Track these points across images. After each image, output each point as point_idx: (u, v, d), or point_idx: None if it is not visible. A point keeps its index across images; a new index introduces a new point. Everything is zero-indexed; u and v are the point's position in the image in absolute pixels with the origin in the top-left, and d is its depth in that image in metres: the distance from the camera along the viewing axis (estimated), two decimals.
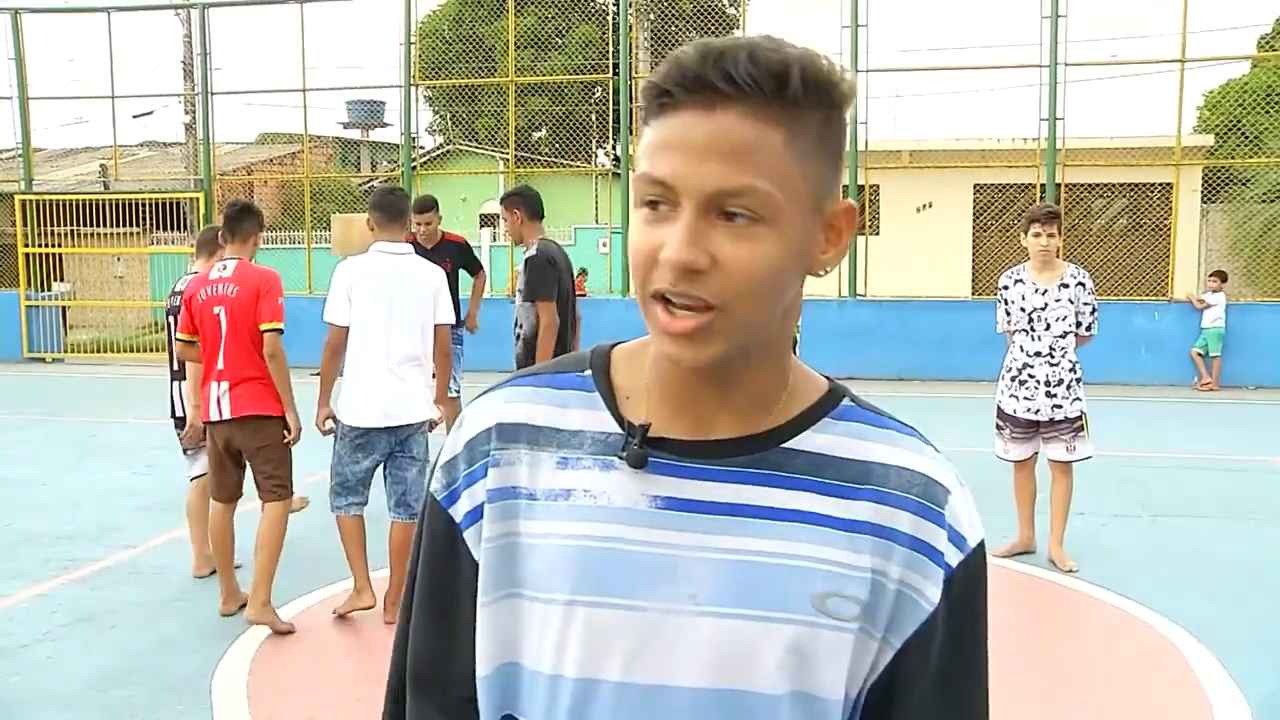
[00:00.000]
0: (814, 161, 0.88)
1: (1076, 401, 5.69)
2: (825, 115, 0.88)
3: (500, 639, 0.96)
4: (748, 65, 0.84)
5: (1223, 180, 17.54)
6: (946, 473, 0.97)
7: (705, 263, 0.85)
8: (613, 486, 0.94)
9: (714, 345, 0.88)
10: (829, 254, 0.92)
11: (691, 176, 0.85)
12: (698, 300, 0.86)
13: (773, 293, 0.88)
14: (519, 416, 0.99)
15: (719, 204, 0.85)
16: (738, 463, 0.94)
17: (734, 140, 0.84)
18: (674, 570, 0.92)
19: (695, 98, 0.85)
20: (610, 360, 1.00)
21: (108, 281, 19.72)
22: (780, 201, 0.86)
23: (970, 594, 0.97)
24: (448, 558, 1.00)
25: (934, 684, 0.95)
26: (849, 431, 0.96)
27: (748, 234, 0.86)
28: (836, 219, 0.92)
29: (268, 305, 5.00)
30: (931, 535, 0.94)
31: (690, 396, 0.95)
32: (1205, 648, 4.60)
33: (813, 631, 0.91)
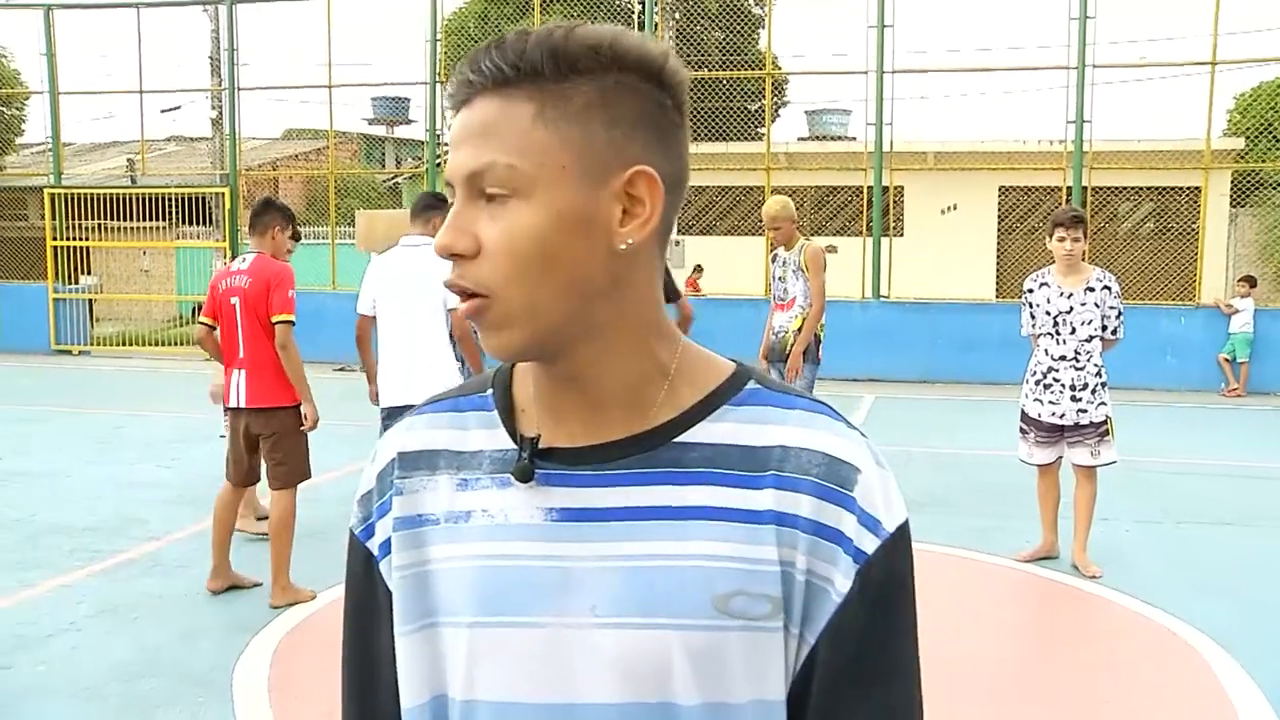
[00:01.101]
0: (582, 130, 0.85)
1: (1102, 406, 5.65)
2: (601, 84, 0.86)
3: (424, 670, 0.94)
4: (494, 54, 0.86)
5: (1253, 184, 17.38)
6: (857, 450, 0.89)
7: (465, 246, 0.86)
8: (509, 503, 0.91)
9: (503, 333, 0.87)
10: (630, 226, 0.87)
11: (453, 165, 0.88)
12: (467, 289, 0.87)
13: (544, 269, 0.85)
14: (420, 444, 0.97)
15: (477, 186, 0.86)
16: (629, 464, 0.89)
17: (480, 123, 0.86)
18: (572, 583, 0.88)
19: (462, 96, 0.89)
20: (512, 376, 0.98)
21: (134, 275, 19.89)
22: (527, 171, 0.84)
23: (890, 583, 0.88)
24: (366, 591, 1.00)
25: (850, 682, 0.88)
26: (751, 417, 0.90)
27: (502, 211, 0.85)
28: (634, 188, 0.86)
29: (278, 298, 5.16)
30: (836, 519, 0.87)
31: (562, 401, 0.91)
32: (1229, 655, 4.55)
33: (720, 635, 0.86)
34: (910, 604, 0.90)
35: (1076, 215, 5.71)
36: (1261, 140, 18.01)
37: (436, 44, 15.47)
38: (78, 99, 18.34)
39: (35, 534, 6.36)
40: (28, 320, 16.64)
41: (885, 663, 0.89)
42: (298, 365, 5.16)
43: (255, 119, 45.41)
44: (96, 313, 17.95)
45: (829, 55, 26.28)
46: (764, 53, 16.05)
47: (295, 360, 5.16)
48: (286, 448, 5.20)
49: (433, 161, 15.81)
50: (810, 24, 37.50)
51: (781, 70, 18.35)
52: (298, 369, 5.16)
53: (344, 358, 14.79)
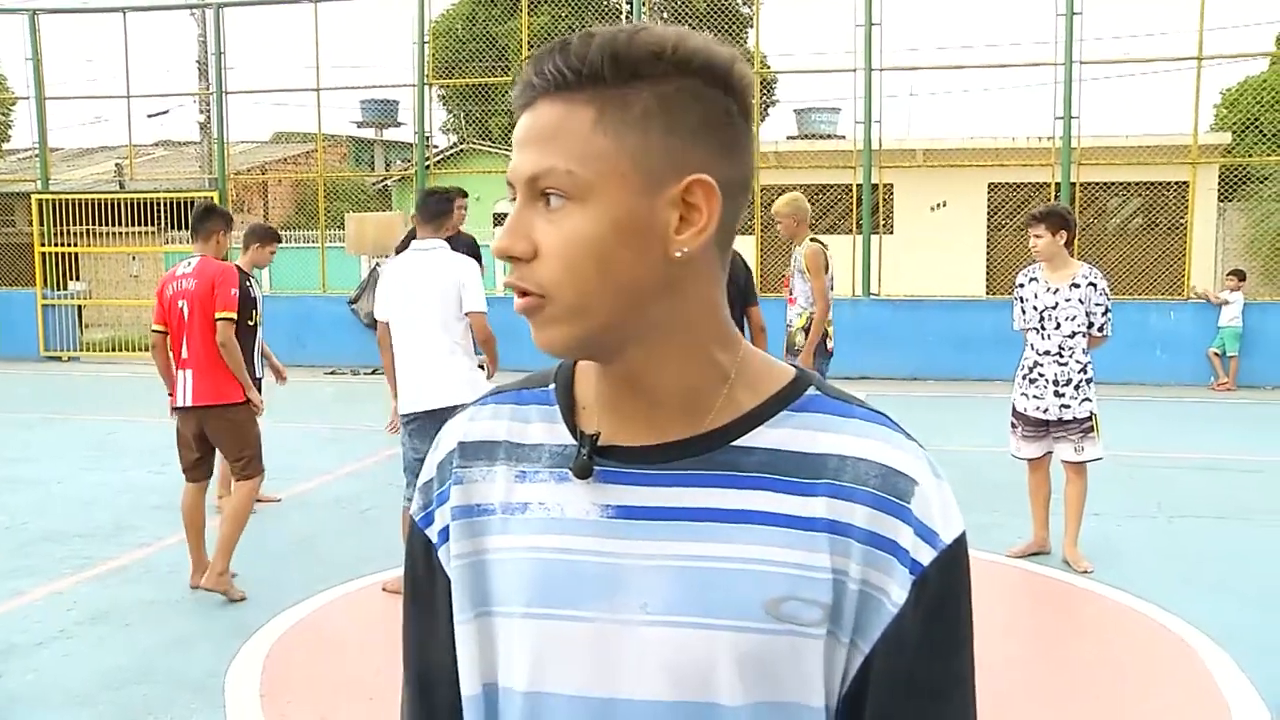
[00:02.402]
0: (640, 136, 0.86)
1: (1086, 402, 5.66)
2: (662, 90, 0.86)
3: (480, 658, 0.96)
4: (557, 59, 0.87)
5: (1240, 178, 17.44)
6: (914, 462, 0.90)
7: (523, 249, 0.87)
8: (566, 498, 0.93)
9: (553, 330, 0.88)
10: (686, 234, 0.87)
11: (515, 167, 0.89)
12: (521, 289, 0.89)
13: (600, 273, 0.86)
14: (481, 434, 0.99)
15: (537, 189, 0.88)
16: (686, 465, 0.91)
17: (541, 127, 0.88)
18: (624, 579, 0.89)
19: (525, 99, 0.90)
20: (575, 373, 0.99)
21: (123, 280, 19.82)
22: (584, 179, 0.86)
23: (947, 595, 0.89)
24: (428, 578, 1.01)
25: (907, 693, 0.89)
26: (808, 424, 0.91)
27: (560, 216, 0.87)
28: (691, 195, 0.87)
29: (221, 296, 5.41)
30: (892, 530, 0.88)
31: (620, 401, 0.93)
32: (1222, 650, 4.56)
33: (769, 639, 0.87)
34: (967, 616, 0.92)
35: (1040, 212, 5.74)
36: (1248, 135, 18.07)
37: (425, 46, 15.44)
38: (64, 104, 18.26)
39: (26, 541, 6.33)
40: (16, 327, 16.58)
41: (942, 675, 0.90)
42: (238, 359, 5.42)
43: (243, 123, 45.40)
44: (86, 318, 17.89)
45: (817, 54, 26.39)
46: (752, 52, 16.06)
47: (235, 355, 5.41)
48: (242, 441, 5.46)
49: (421, 164, 15.79)
50: (798, 23, 37.57)
51: (770, 69, 18.36)
52: (238, 363, 5.42)
53: (334, 361, 14.77)
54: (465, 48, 25.14)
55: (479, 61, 24.28)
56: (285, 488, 7.44)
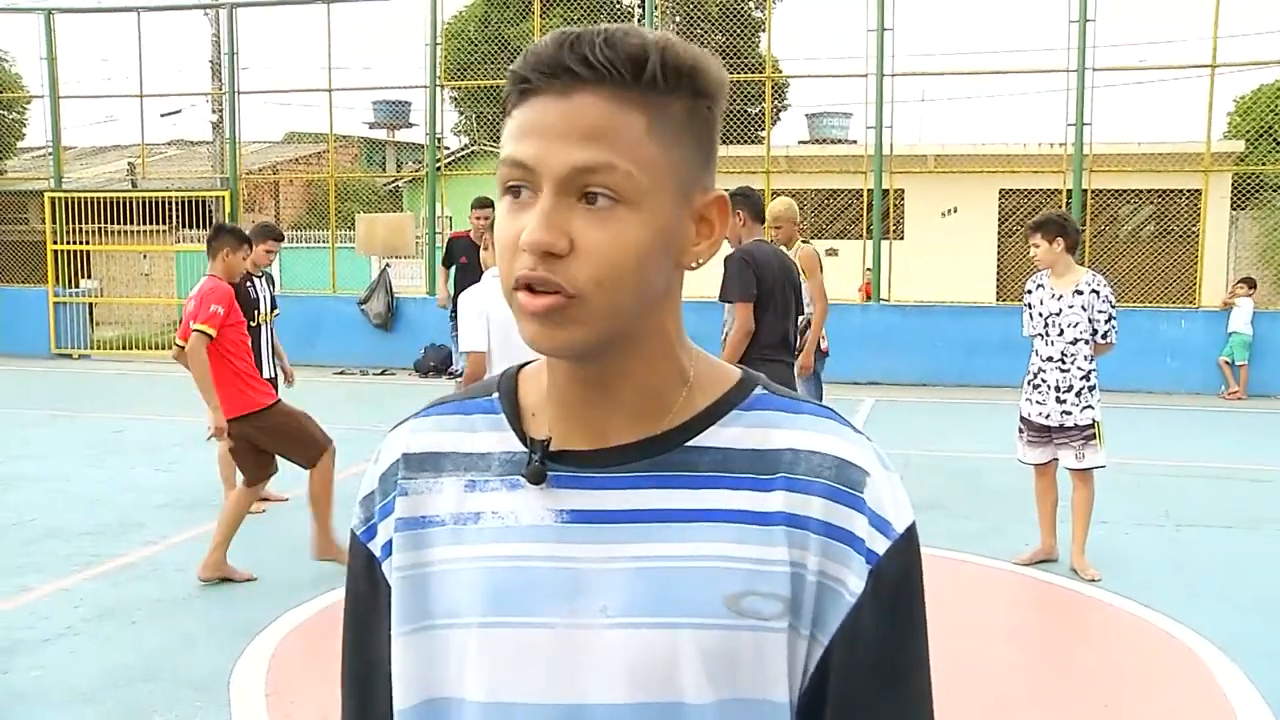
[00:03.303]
0: (679, 149, 0.87)
1: (1088, 410, 5.66)
2: (690, 104, 0.87)
3: (418, 673, 0.94)
4: (604, 49, 0.84)
5: (1253, 187, 17.37)
6: (865, 454, 0.91)
7: (563, 245, 0.84)
8: (519, 505, 0.92)
9: (572, 331, 0.86)
10: (700, 245, 0.90)
11: (549, 155, 0.84)
12: (554, 285, 0.84)
13: (635, 279, 0.86)
14: (425, 445, 0.98)
15: (578, 184, 0.84)
16: (640, 467, 0.91)
17: (592, 120, 0.84)
18: (583, 584, 0.89)
19: (553, 83, 0.84)
20: (518, 381, 0.99)
21: (134, 279, 19.90)
22: (642, 183, 0.84)
23: (902, 583, 0.90)
24: (370, 592, 1.00)
25: (868, 680, 0.89)
26: (759, 421, 0.92)
27: (608, 216, 0.84)
28: (708, 210, 0.90)
29: (201, 309, 5.49)
30: (848, 520, 0.88)
31: (582, 404, 0.92)
32: (1229, 659, 4.54)
33: (731, 634, 0.87)
34: (921, 604, 0.92)
35: (1035, 221, 5.80)
36: (1262, 143, 18.01)
37: (437, 48, 15.47)
38: (78, 103, 18.33)
39: (33, 538, 6.35)
40: (28, 324, 16.64)
41: (901, 662, 0.90)
42: (203, 373, 5.42)
43: (256, 123, 45.43)
44: (97, 316, 17.94)
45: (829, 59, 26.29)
46: (764, 56, 16.05)
47: (200, 367, 5.42)
48: (292, 437, 5.58)
49: (433, 165, 15.81)
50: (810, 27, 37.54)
51: (782, 73, 18.36)
52: (204, 378, 5.42)
53: (344, 361, 14.80)
54: (477, 49, 25.16)
55: (491, 63, 24.30)
56: (293, 487, 7.44)
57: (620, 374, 0.91)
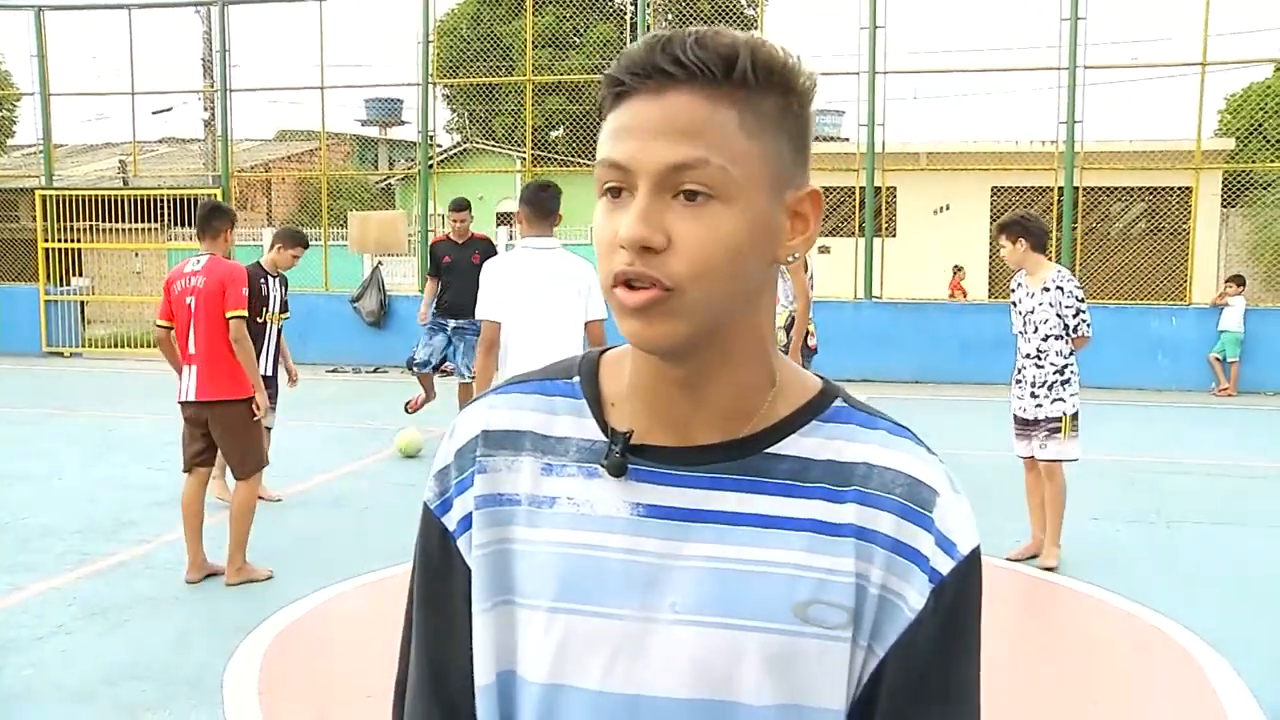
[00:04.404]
0: (772, 143, 0.88)
1: (1058, 403, 5.77)
2: (783, 100, 0.89)
3: (497, 647, 0.96)
4: (695, 49, 0.86)
5: (1243, 184, 17.43)
6: (937, 475, 0.93)
7: (660, 241, 0.85)
8: (596, 494, 0.93)
9: (671, 325, 0.87)
10: (796, 240, 0.92)
11: (644, 154, 0.86)
12: (652, 280, 0.86)
13: (732, 273, 0.87)
14: (505, 423, 0.99)
15: (674, 181, 0.86)
16: (721, 469, 0.92)
17: (685, 118, 0.85)
18: (654, 578, 0.91)
19: (646, 84, 0.86)
20: (599, 367, 1.00)
21: (126, 277, 19.83)
22: (736, 177, 0.86)
23: (961, 605, 0.92)
24: (443, 567, 1.00)
25: (919, 697, 0.91)
26: (837, 434, 0.94)
27: (704, 211, 0.86)
28: (802, 205, 0.92)
29: (232, 295, 5.50)
30: (915, 538, 0.90)
31: (667, 402, 0.93)
32: (1220, 656, 4.56)
33: (796, 641, 0.88)
34: (977, 627, 0.94)
35: (1000, 223, 5.97)
36: (1252, 141, 18.06)
37: (429, 45, 15.45)
38: (69, 100, 18.23)
39: (26, 536, 6.34)
40: (19, 322, 16.59)
41: (952, 683, 0.92)
42: (250, 358, 5.53)
43: (248, 120, 45.39)
44: (88, 314, 17.89)
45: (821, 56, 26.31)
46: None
47: (248, 352, 5.52)
48: (243, 440, 5.53)
49: (425, 163, 15.79)
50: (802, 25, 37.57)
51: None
52: (250, 361, 5.52)
53: (336, 359, 14.78)
54: (469, 47, 25.16)
55: (483, 61, 24.30)
56: (285, 486, 7.44)
57: (710, 374, 0.92)
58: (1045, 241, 5.90)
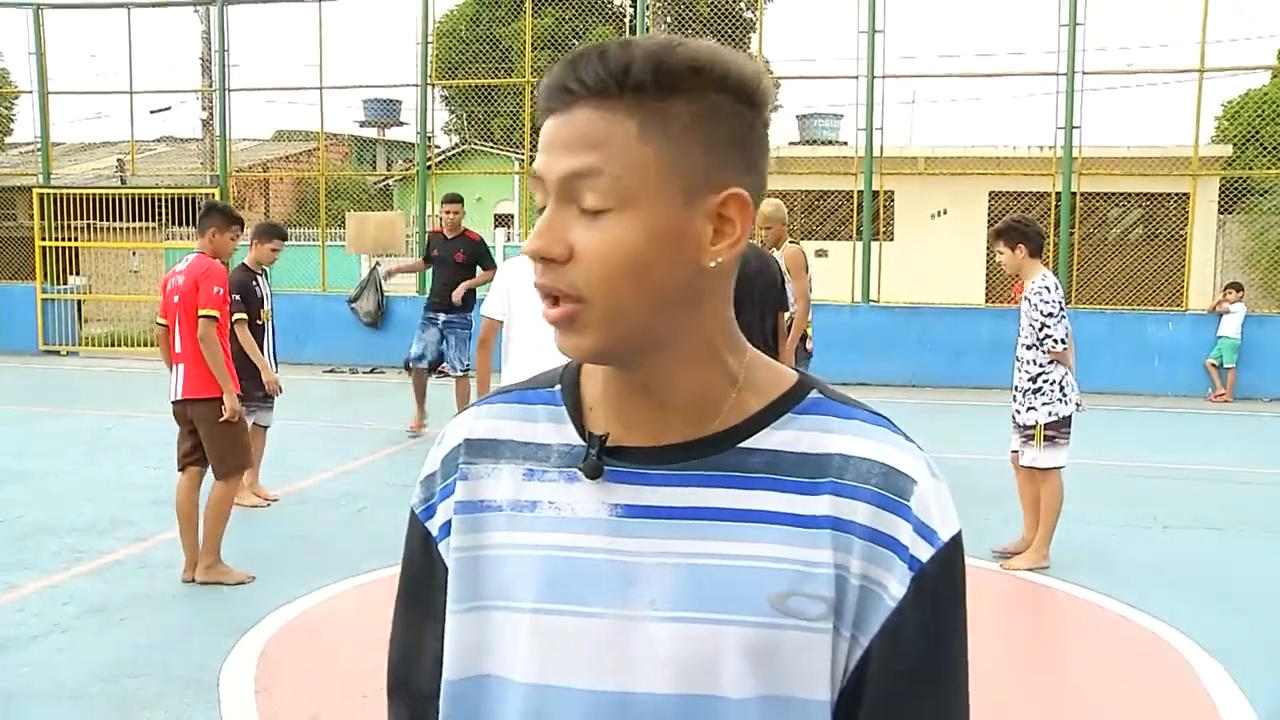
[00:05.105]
0: (681, 150, 0.88)
1: (1030, 411, 5.82)
2: (699, 105, 0.88)
3: (469, 649, 0.97)
4: (596, 65, 0.88)
5: (1240, 191, 17.45)
6: (914, 462, 0.93)
7: (559, 251, 0.88)
8: (576, 497, 0.95)
9: (584, 336, 0.89)
10: (720, 245, 0.90)
11: (548, 167, 0.89)
12: (559, 291, 0.89)
13: (638, 280, 0.88)
14: (487, 432, 1.01)
15: (572, 191, 0.88)
16: (694, 466, 0.93)
17: (583, 131, 0.88)
18: (633, 577, 0.92)
19: (559, 102, 0.90)
20: (580, 375, 1.01)
21: (123, 276, 19.81)
22: (630, 186, 0.87)
23: (944, 591, 0.92)
24: (425, 569, 1.03)
25: (905, 684, 0.91)
26: (812, 425, 0.94)
27: (600, 222, 0.88)
28: (725, 208, 0.90)
29: (204, 293, 5.48)
30: (892, 527, 0.90)
31: (631, 404, 0.95)
32: (1215, 661, 4.57)
33: (776, 633, 0.89)
34: (962, 613, 0.94)
35: (996, 229, 6.00)
36: (1249, 147, 18.08)
37: (428, 46, 15.45)
38: (67, 99, 18.27)
39: (22, 535, 6.34)
40: (16, 321, 16.57)
41: (939, 669, 0.93)
42: (217, 358, 5.46)
43: (246, 120, 45.38)
44: (85, 313, 17.87)
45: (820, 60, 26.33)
46: (755, 56, 16.07)
47: (215, 352, 5.45)
48: (223, 440, 5.49)
49: (423, 164, 15.79)
50: (801, 28, 37.64)
51: (772, 74, 18.38)
52: (218, 362, 5.46)
53: (333, 359, 14.77)
54: (468, 48, 25.15)
55: (482, 62, 24.29)
56: (282, 485, 7.44)
57: (662, 378, 0.93)
58: (1042, 246, 5.90)
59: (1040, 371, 5.77)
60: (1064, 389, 5.77)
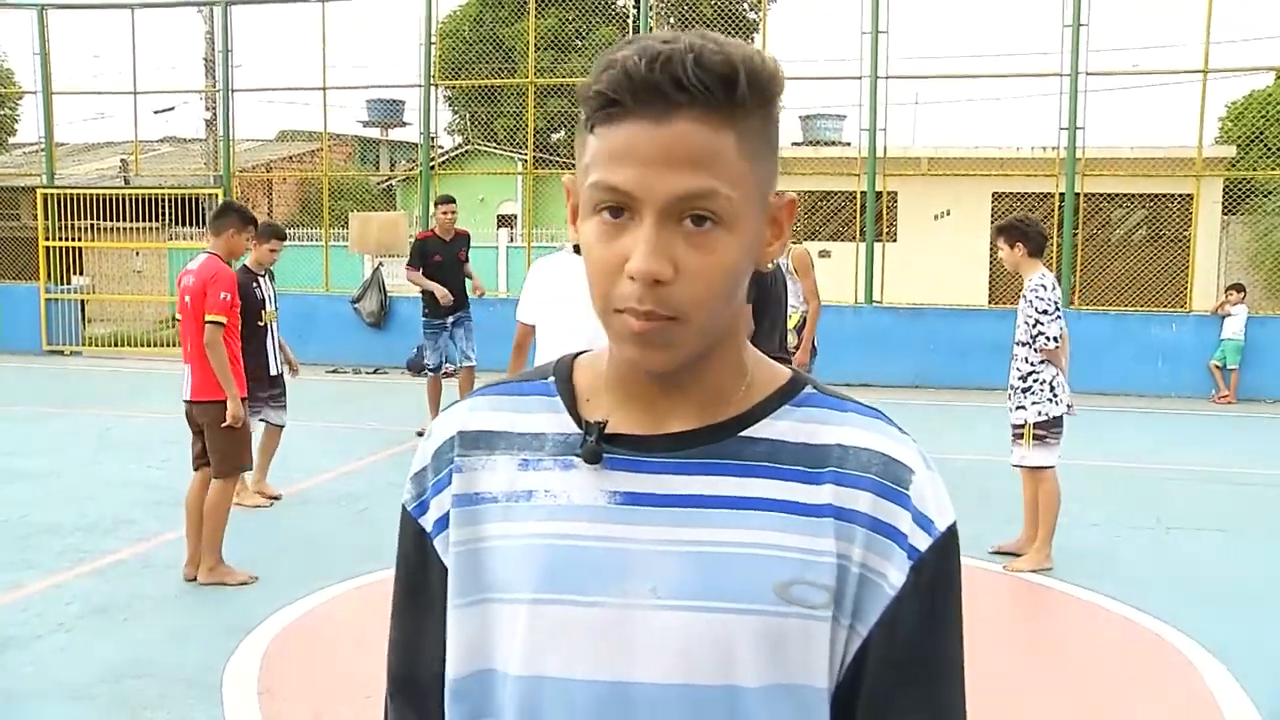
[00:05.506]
0: (760, 160, 0.89)
1: (1019, 410, 5.86)
2: (766, 112, 0.89)
3: (472, 644, 0.97)
4: (696, 70, 0.84)
5: (1244, 192, 17.44)
6: (910, 453, 0.94)
7: (669, 274, 0.85)
8: (573, 485, 0.95)
9: (675, 351, 0.89)
10: (773, 246, 0.94)
11: (653, 184, 0.84)
12: (659, 315, 0.86)
13: (730, 295, 0.90)
14: (480, 424, 1.00)
15: (681, 210, 0.85)
16: (695, 454, 0.93)
17: (692, 146, 0.84)
18: (634, 565, 0.91)
19: (647, 105, 0.84)
20: (573, 367, 1.02)
21: (126, 276, 19.83)
22: (738, 204, 0.87)
23: (941, 581, 0.93)
24: (420, 567, 1.02)
25: (903, 672, 0.92)
26: (809, 417, 0.95)
27: (709, 240, 0.86)
28: (779, 213, 0.93)
29: (211, 298, 5.49)
30: (893, 516, 0.91)
31: (648, 394, 0.95)
32: (1218, 661, 4.57)
33: (779, 621, 0.89)
34: (958, 603, 0.95)
35: (999, 226, 6.04)
36: (1253, 148, 18.06)
37: (431, 47, 15.46)
38: (71, 99, 18.30)
39: (26, 534, 6.34)
40: (19, 320, 16.58)
41: (936, 657, 0.93)
42: (223, 363, 5.47)
43: (249, 120, 45.43)
44: (88, 313, 17.88)
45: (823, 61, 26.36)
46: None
47: (220, 358, 5.46)
48: (224, 441, 5.49)
49: (426, 164, 15.80)
50: (804, 29, 37.62)
51: None
52: (223, 367, 5.47)
53: (336, 360, 14.77)
54: (471, 49, 25.17)
55: (485, 63, 24.31)
56: (284, 486, 7.44)
57: (691, 373, 0.93)
58: (1043, 246, 5.90)
59: (1031, 370, 5.80)
60: (1055, 389, 5.80)
